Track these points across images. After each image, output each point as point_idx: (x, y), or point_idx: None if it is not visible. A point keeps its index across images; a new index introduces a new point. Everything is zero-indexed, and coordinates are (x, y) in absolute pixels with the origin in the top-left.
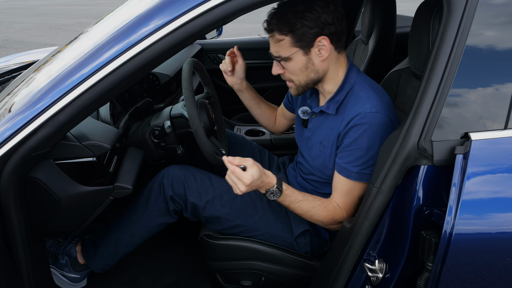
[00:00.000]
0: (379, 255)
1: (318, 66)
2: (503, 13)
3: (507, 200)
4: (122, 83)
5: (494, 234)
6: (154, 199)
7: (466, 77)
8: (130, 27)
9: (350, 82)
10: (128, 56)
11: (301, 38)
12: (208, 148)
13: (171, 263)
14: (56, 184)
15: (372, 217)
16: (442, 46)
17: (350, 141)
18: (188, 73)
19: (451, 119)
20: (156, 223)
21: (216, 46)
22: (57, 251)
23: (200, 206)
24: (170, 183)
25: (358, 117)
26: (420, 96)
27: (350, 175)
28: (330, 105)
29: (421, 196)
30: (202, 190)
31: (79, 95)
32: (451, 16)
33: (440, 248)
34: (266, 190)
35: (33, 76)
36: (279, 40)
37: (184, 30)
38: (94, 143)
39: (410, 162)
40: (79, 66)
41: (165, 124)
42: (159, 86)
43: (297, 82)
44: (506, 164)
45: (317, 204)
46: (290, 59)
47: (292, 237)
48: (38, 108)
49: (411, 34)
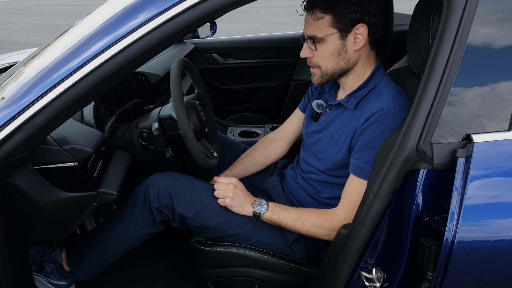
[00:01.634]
0: (377, 264)
1: (350, 55)
2: (507, 9)
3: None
4: (103, 84)
5: (498, 241)
6: (139, 210)
7: (467, 76)
8: (110, 25)
9: (375, 81)
10: (104, 58)
11: (341, 19)
12: (198, 151)
13: (162, 270)
14: (36, 191)
15: (369, 223)
16: (442, 43)
17: (370, 139)
18: (177, 72)
19: (452, 120)
20: (142, 234)
21: (210, 45)
22: (42, 259)
23: (189, 217)
24: (156, 194)
25: (381, 113)
26: (419, 96)
27: (367, 175)
28: (350, 99)
29: (421, 202)
30: (191, 200)
31: (57, 96)
32: (451, 12)
33: (442, 257)
34: (253, 203)
35: (14, 75)
36: (318, 18)
37: (173, 23)
38: (75, 147)
39: (409, 165)
40: (56, 66)
41: (152, 126)
42: (148, 86)
43: (324, 69)
44: (510, 167)
45: (307, 210)
46: (324, 41)
47: (286, 244)
48: (13, 110)
49: (409, 31)
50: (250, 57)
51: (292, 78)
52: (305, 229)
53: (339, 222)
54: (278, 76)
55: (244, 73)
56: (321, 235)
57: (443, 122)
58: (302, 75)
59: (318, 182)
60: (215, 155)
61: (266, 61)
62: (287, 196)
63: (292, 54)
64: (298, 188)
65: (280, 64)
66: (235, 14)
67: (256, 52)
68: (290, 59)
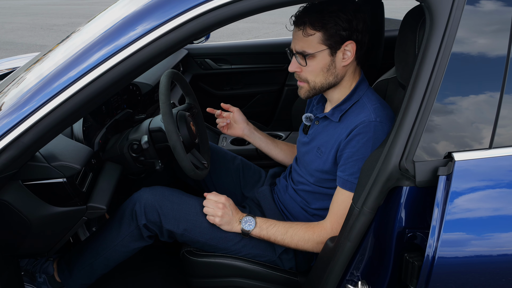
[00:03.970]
0: (363, 277)
1: (338, 70)
2: (490, 23)
3: (492, 221)
4: (91, 101)
5: (479, 257)
6: (127, 226)
7: (449, 95)
8: (109, 35)
9: (359, 94)
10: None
11: (332, 37)
12: (187, 164)
13: (153, 279)
14: (25, 206)
15: (354, 238)
16: (424, 61)
17: (353, 151)
18: (166, 86)
19: (434, 138)
20: (130, 248)
21: (204, 50)
22: (34, 270)
23: (177, 233)
24: (143, 210)
25: (362, 126)
26: (402, 115)
27: (353, 187)
28: (335, 112)
29: (404, 218)
30: (179, 216)
31: (45, 115)
32: (434, 28)
33: (423, 272)
34: (241, 221)
35: (9, 85)
36: (309, 34)
37: (173, 35)
38: (63, 164)
39: (392, 183)
40: (44, 85)
41: (142, 139)
42: (140, 96)
43: (312, 84)
44: (491, 185)
45: (294, 224)
46: (314, 57)
47: (275, 255)
48: (0, 128)
49: (397, 45)
50: (244, 62)
51: (286, 84)
52: (294, 243)
53: (326, 234)
54: (272, 81)
55: (238, 78)
56: (310, 248)
57: (425, 141)
58: (296, 80)
59: (308, 193)
60: (206, 166)
61: (259, 66)
62: (277, 206)
63: (285, 60)
64: (289, 199)
65: (273, 69)
66: None
67: (250, 58)
68: (283, 65)
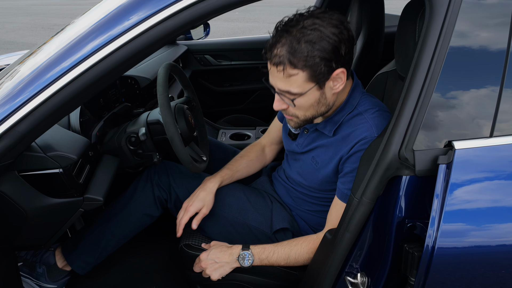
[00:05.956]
0: (362, 268)
1: (329, 100)
2: (490, 14)
3: (493, 211)
4: (86, 90)
5: (479, 248)
6: (141, 187)
7: (449, 83)
8: (104, 24)
9: (352, 104)
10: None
11: (318, 73)
12: (185, 156)
13: (151, 273)
14: (21, 197)
15: (353, 229)
16: (424, 50)
17: (354, 167)
18: (164, 78)
19: (434, 127)
20: (140, 213)
21: (203, 47)
22: (34, 259)
23: (182, 196)
24: (157, 171)
25: (363, 142)
26: (401, 103)
27: None
28: (327, 125)
29: (403, 208)
30: (184, 179)
31: (40, 104)
32: (433, 16)
33: (422, 262)
34: (237, 259)
35: (2, 80)
36: (291, 75)
37: (168, 23)
38: (60, 154)
39: (391, 172)
40: (41, 72)
41: (139, 131)
42: (138, 90)
43: (303, 118)
44: (491, 174)
45: (293, 244)
46: (301, 95)
47: (270, 231)
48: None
49: (397, 36)
50: (243, 58)
51: None
52: (300, 263)
53: None
54: None
55: (237, 74)
56: None
57: (425, 129)
58: None
59: (305, 195)
60: (204, 159)
61: (259, 62)
62: (276, 192)
63: None
64: (286, 193)
65: None
66: (233, 13)
67: (249, 54)
68: None
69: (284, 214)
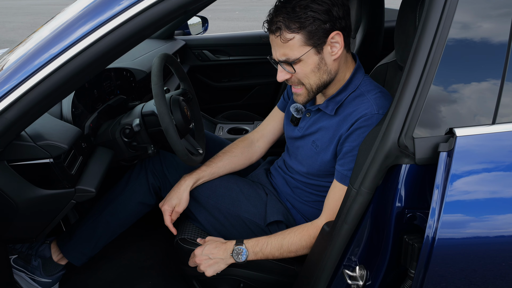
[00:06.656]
0: (360, 261)
1: (330, 66)
2: (490, 3)
3: (495, 201)
4: (76, 77)
5: (480, 239)
6: (136, 175)
7: (449, 69)
8: (93, 9)
9: (355, 83)
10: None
11: (313, 35)
12: (181, 147)
13: (147, 269)
14: (11, 188)
15: (351, 220)
16: (424, 36)
17: (353, 145)
18: (158, 67)
19: (434, 114)
20: (135, 201)
21: (201, 42)
22: (30, 252)
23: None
24: (151, 160)
25: (364, 119)
26: (401, 90)
27: None
28: (330, 104)
29: (403, 198)
30: (178, 167)
31: (28, 90)
32: (433, 4)
33: (423, 254)
34: (231, 255)
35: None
36: (288, 39)
37: (160, 7)
38: (50, 143)
39: (391, 161)
40: (30, 58)
41: (133, 122)
42: (134, 82)
43: (308, 86)
44: (494, 162)
45: (286, 233)
46: (300, 61)
47: (264, 223)
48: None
49: (397, 26)
50: (242, 54)
51: None
52: (293, 254)
53: None
54: (270, 73)
55: (236, 70)
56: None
57: (425, 116)
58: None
59: (303, 183)
60: (200, 152)
61: (258, 58)
62: (272, 184)
63: None
64: (284, 184)
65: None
66: (233, 12)
67: (248, 49)
68: None
69: (278, 206)
